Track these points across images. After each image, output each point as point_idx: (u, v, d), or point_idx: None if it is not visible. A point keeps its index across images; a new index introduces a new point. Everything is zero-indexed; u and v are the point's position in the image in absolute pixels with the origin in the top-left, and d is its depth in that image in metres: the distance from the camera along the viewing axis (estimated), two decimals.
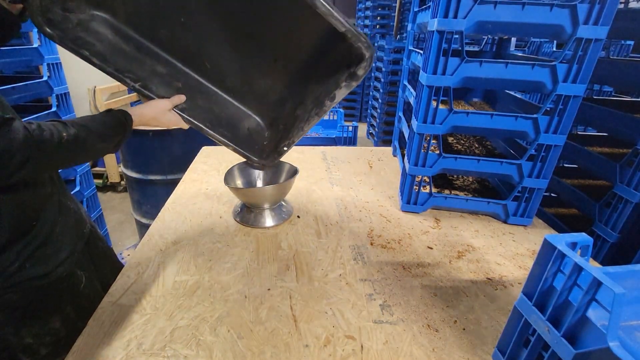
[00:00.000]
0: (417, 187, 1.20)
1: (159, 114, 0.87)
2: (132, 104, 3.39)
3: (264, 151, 1.03)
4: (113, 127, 0.76)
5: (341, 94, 0.88)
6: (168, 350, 0.69)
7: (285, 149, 0.99)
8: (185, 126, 0.94)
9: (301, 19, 0.86)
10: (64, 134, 0.64)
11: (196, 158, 1.67)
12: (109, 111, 0.78)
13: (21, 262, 0.71)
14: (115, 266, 1.01)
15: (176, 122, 0.91)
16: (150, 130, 1.98)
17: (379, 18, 5.89)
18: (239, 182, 1.21)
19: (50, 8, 0.73)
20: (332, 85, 0.90)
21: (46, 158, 0.63)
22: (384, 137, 4.71)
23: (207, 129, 0.94)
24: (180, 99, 0.91)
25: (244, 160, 1.06)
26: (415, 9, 1.45)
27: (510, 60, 0.97)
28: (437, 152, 1.14)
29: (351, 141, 2.72)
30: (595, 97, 1.69)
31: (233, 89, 1.02)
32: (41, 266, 0.74)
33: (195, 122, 0.93)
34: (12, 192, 0.68)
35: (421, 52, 1.20)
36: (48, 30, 0.74)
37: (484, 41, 1.67)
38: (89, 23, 0.82)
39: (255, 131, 1.06)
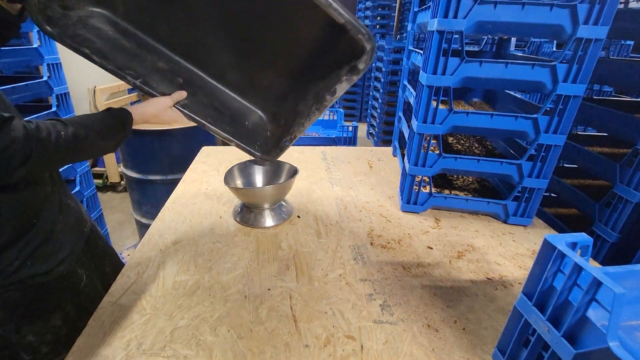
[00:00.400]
0: (417, 187, 1.20)
1: (160, 111, 0.86)
2: (132, 104, 3.39)
3: (266, 146, 1.02)
4: (113, 125, 0.76)
5: (342, 88, 0.88)
6: (168, 350, 0.69)
7: (287, 144, 0.98)
8: (186, 122, 0.93)
9: (301, 12, 0.86)
10: (62, 133, 0.64)
11: (196, 158, 1.67)
12: (108, 110, 0.78)
13: (22, 261, 0.71)
14: (116, 265, 1.01)
15: (178, 119, 0.90)
16: (151, 129, 1.98)
17: (379, 18, 5.88)
18: (239, 182, 1.21)
19: (49, 5, 0.73)
20: (333, 80, 0.89)
21: (45, 157, 0.63)
22: (384, 137, 4.70)
23: (209, 125, 0.94)
24: (181, 95, 0.90)
25: (244, 160, 1.05)
26: (415, 9, 1.45)
27: (510, 60, 0.97)
28: (437, 152, 1.14)
29: (351, 141, 2.72)
30: (595, 97, 1.69)
31: (234, 83, 1.02)
32: (42, 264, 0.74)
33: (197, 118, 0.92)
34: (12, 191, 0.68)
35: (421, 52, 1.20)
36: (48, 28, 0.74)
37: (484, 41, 1.67)
38: (89, 20, 0.82)
39: (258, 126, 1.05)
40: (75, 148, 0.67)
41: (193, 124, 0.93)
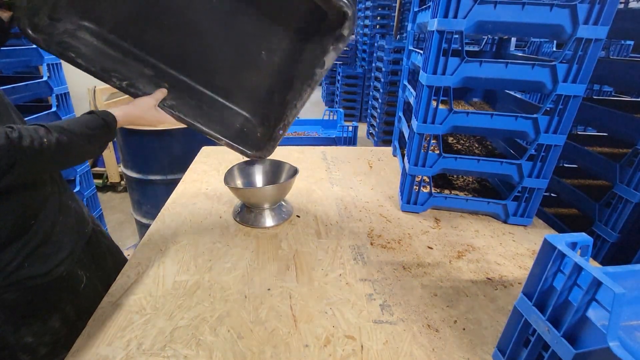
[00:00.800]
0: (417, 187, 1.20)
1: (145, 111, 0.85)
2: None
3: (258, 144, 1.02)
4: (96, 128, 0.75)
5: (330, 58, 0.88)
6: (168, 350, 0.69)
7: (280, 132, 0.98)
8: (174, 123, 0.93)
9: (284, 5, 0.89)
10: (45, 140, 0.63)
11: (196, 158, 1.67)
12: (91, 113, 0.77)
13: (20, 261, 0.71)
14: (119, 264, 1.01)
15: (163, 119, 0.90)
16: (151, 129, 1.98)
17: (379, 18, 5.89)
18: (239, 182, 1.21)
19: (37, 14, 0.73)
20: (319, 54, 0.89)
21: (30, 164, 0.62)
22: (384, 137, 4.71)
23: (199, 125, 0.94)
24: (163, 92, 0.89)
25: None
26: (415, 9, 1.45)
27: (510, 60, 0.97)
28: (437, 152, 1.14)
29: (351, 141, 2.71)
30: (595, 97, 1.69)
31: (221, 88, 1.02)
32: (40, 265, 0.74)
33: (186, 119, 0.92)
34: (10, 191, 0.68)
35: (421, 52, 1.20)
36: (32, 34, 0.74)
37: (484, 41, 1.67)
38: (75, 32, 0.82)
39: (247, 127, 1.06)
40: (59, 153, 0.66)
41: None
